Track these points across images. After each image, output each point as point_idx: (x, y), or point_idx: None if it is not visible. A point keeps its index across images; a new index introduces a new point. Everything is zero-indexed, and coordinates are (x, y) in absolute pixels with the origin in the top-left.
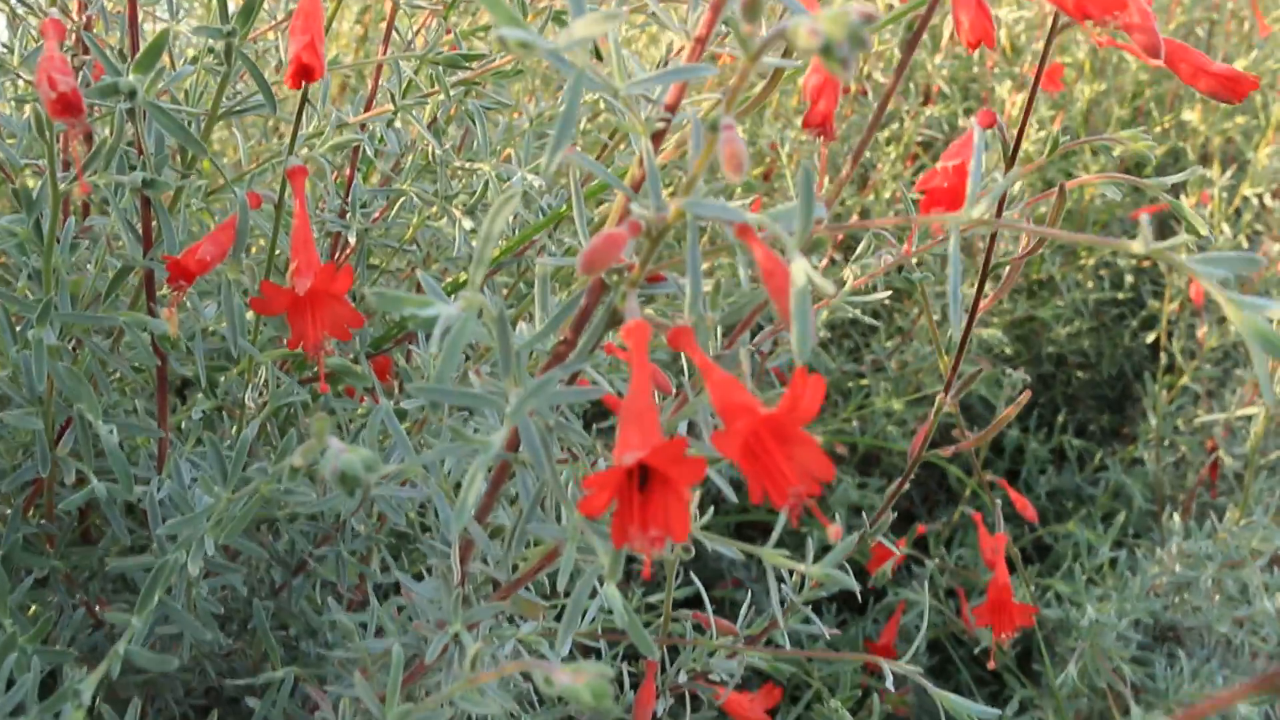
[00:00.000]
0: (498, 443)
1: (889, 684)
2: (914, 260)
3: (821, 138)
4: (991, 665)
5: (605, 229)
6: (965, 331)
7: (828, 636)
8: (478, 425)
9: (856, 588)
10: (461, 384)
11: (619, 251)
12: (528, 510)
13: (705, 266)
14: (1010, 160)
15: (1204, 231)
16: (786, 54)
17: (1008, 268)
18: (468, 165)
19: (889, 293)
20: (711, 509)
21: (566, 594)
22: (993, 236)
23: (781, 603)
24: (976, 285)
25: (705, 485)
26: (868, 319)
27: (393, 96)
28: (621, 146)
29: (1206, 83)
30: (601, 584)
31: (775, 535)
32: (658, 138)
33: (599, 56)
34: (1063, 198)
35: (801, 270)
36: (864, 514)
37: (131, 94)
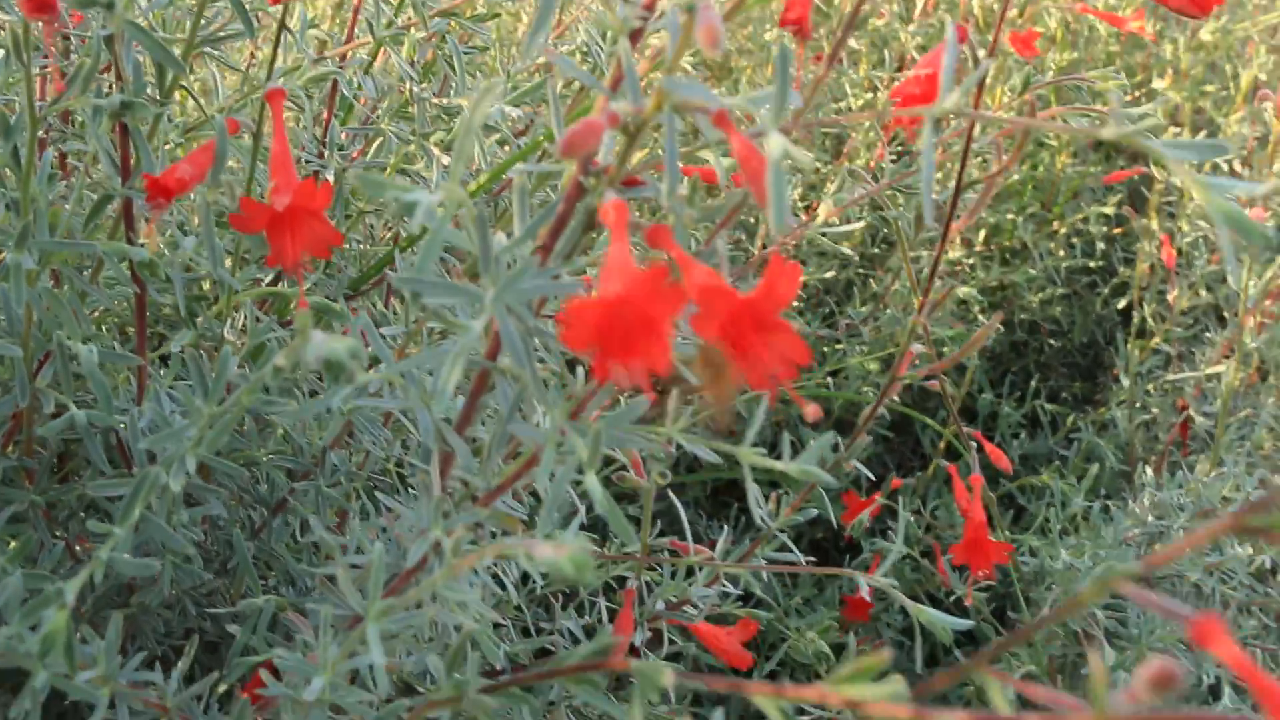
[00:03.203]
0: (478, 327)
1: (864, 594)
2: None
3: (799, 36)
4: (969, 601)
5: (585, 118)
6: (937, 256)
7: (804, 564)
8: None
9: (834, 483)
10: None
11: (598, 139)
12: (508, 413)
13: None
14: (980, 81)
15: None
16: None
17: (981, 188)
18: (445, 101)
19: (861, 224)
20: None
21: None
22: (963, 159)
23: (759, 529)
24: (950, 204)
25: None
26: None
27: (371, 26)
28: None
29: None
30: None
31: (751, 433)
32: (635, 36)
33: None
34: (1034, 112)
35: (778, 144)
36: (840, 478)
37: (109, 5)
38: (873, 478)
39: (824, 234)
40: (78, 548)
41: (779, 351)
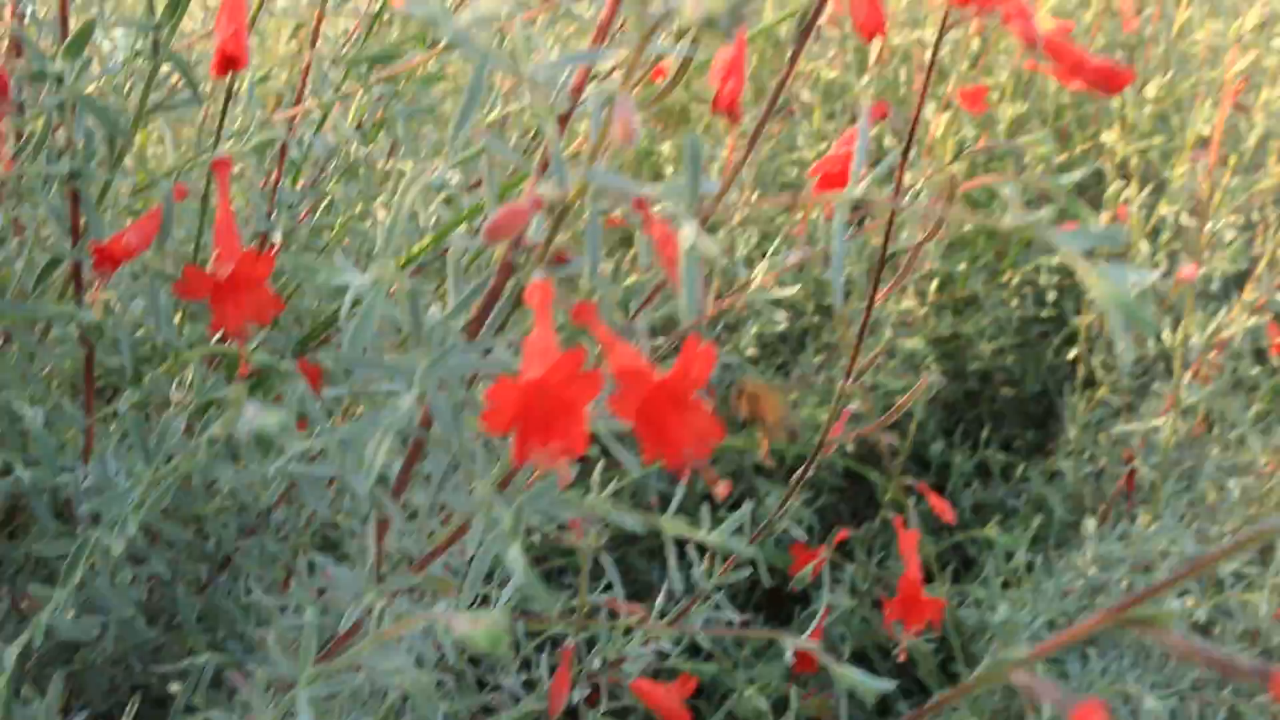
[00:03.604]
0: (407, 403)
1: (788, 657)
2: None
3: (730, 120)
4: (903, 657)
5: (510, 203)
6: (865, 316)
7: (735, 621)
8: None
9: (743, 549)
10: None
11: (522, 223)
12: (439, 481)
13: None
14: (906, 150)
15: (1091, 221)
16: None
17: (907, 256)
18: (390, 166)
19: (796, 288)
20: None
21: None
22: (889, 226)
23: (691, 589)
24: (875, 273)
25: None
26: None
27: (316, 92)
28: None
29: (1086, 76)
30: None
31: (674, 505)
32: (564, 120)
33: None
34: (954, 188)
35: (689, 234)
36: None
37: (59, 80)
38: (807, 532)
39: (759, 297)
40: (23, 604)
41: (694, 430)
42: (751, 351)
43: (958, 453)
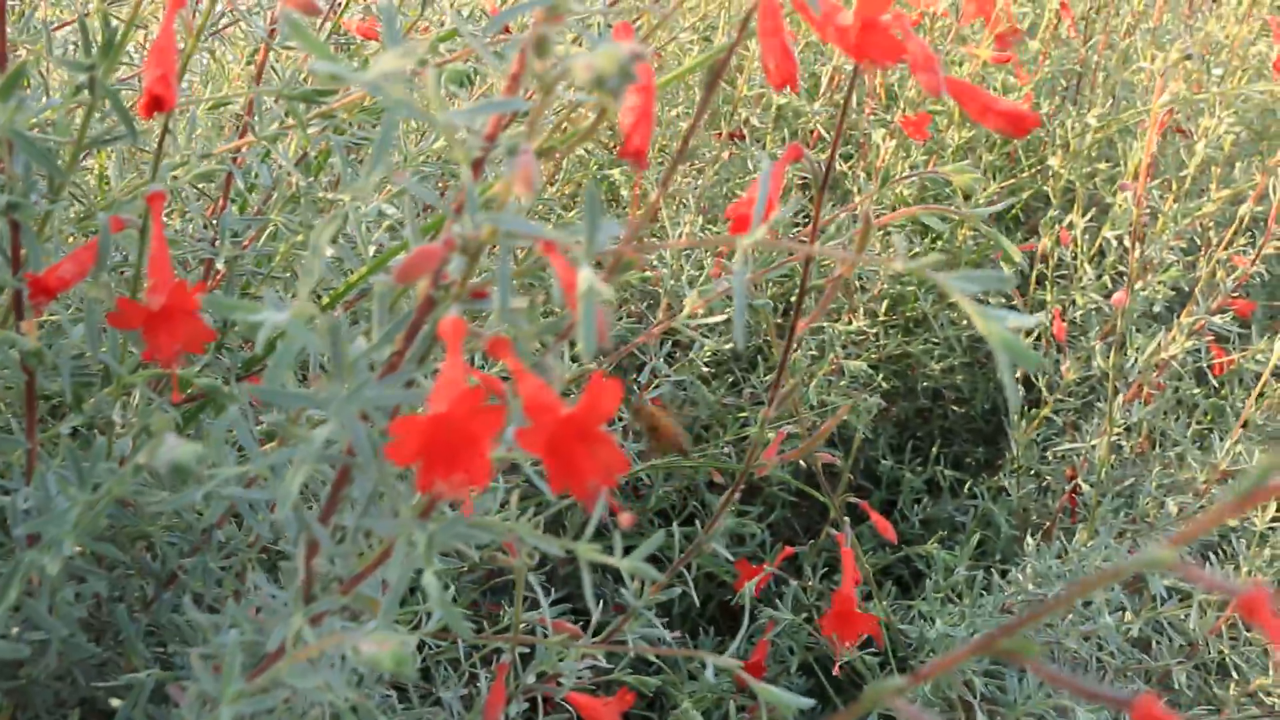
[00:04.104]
0: (320, 436)
1: (709, 674)
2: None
3: (637, 168)
4: (836, 671)
5: (423, 244)
6: (785, 349)
7: (670, 640)
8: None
9: (658, 576)
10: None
11: (433, 264)
12: (363, 507)
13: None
14: (820, 190)
15: (1018, 259)
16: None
17: (826, 289)
18: (330, 196)
19: (725, 317)
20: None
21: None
22: (806, 268)
23: (622, 608)
24: (796, 305)
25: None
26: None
27: (252, 128)
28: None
29: (993, 120)
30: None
31: (589, 530)
32: (478, 165)
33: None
34: (868, 227)
35: (585, 278)
36: (745, 541)
37: None
38: (759, 546)
39: (686, 325)
40: None
41: (600, 462)
42: (705, 370)
43: (908, 469)
